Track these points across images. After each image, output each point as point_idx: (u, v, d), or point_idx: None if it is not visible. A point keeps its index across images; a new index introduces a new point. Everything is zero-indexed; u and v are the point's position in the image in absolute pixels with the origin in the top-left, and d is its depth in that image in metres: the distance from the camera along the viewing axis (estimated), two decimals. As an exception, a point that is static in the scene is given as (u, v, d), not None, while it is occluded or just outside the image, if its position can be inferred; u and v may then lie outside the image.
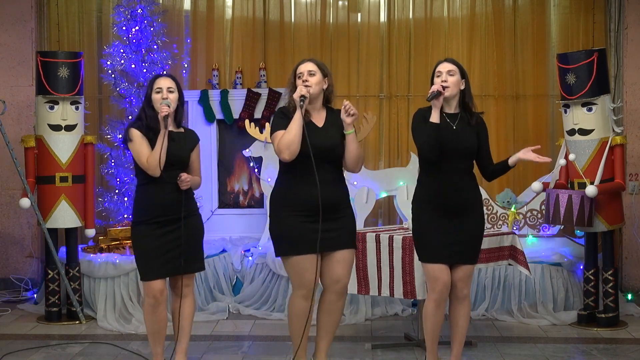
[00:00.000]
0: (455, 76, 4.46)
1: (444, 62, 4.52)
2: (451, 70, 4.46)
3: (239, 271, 6.72)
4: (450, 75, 4.45)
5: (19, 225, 7.29)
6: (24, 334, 5.86)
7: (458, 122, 4.47)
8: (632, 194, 6.95)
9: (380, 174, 7.01)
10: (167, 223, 4.50)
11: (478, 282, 6.29)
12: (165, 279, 4.55)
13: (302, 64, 4.49)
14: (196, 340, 5.36)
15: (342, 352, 5.32)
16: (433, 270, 4.47)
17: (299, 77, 4.43)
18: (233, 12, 7.61)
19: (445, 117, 4.46)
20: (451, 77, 4.45)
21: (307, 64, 4.47)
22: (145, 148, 4.47)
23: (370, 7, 7.57)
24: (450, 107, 4.50)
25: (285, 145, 4.28)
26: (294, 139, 4.27)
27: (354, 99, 7.47)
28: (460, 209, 4.46)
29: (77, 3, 7.50)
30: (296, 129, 4.28)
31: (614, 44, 7.18)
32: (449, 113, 4.49)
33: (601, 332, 5.83)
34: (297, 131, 4.28)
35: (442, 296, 4.48)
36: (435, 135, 4.36)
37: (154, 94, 4.54)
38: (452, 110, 4.50)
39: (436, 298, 4.48)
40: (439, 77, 4.46)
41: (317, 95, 4.44)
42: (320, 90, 4.45)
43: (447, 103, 4.49)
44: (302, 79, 4.41)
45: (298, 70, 4.47)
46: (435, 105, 4.39)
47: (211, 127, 7.29)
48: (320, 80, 4.44)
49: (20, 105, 7.18)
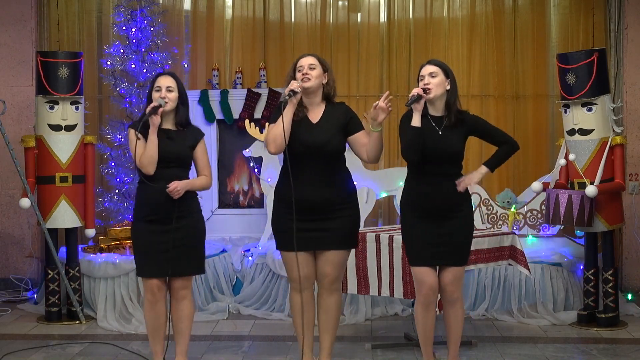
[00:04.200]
0: (437, 77, 4.40)
1: (427, 65, 4.47)
2: (433, 72, 4.41)
3: (239, 271, 6.72)
4: (432, 77, 4.40)
5: (19, 225, 7.29)
6: (24, 334, 5.86)
7: (444, 125, 4.43)
8: (632, 194, 6.94)
9: (380, 174, 7.01)
10: (162, 222, 4.48)
11: (478, 282, 6.29)
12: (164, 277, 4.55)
13: (303, 57, 4.50)
14: (196, 340, 5.36)
15: (342, 352, 5.32)
16: (419, 272, 4.46)
17: (299, 70, 4.44)
18: (233, 12, 7.61)
19: (430, 121, 4.43)
20: (433, 78, 4.39)
21: (308, 57, 4.49)
22: (139, 147, 4.48)
23: (370, 7, 7.57)
24: (436, 109, 4.46)
25: (271, 138, 4.35)
26: (280, 133, 4.30)
27: (354, 99, 7.47)
28: (445, 211, 4.42)
29: (77, 3, 7.50)
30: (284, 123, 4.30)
31: (614, 44, 7.17)
32: (434, 116, 4.45)
33: (601, 332, 5.83)
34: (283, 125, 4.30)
35: (428, 299, 4.46)
36: (417, 139, 4.33)
37: (154, 93, 4.55)
38: (438, 112, 4.45)
39: (422, 301, 4.47)
40: (421, 80, 4.43)
41: (316, 89, 4.45)
42: (319, 85, 4.46)
43: (433, 105, 4.45)
44: (302, 72, 4.42)
45: (299, 63, 4.48)
46: (416, 108, 4.34)
47: (211, 127, 7.29)
48: (320, 74, 4.45)
49: (20, 105, 7.18)
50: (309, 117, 4.45)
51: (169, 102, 4.52)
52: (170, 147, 4.51)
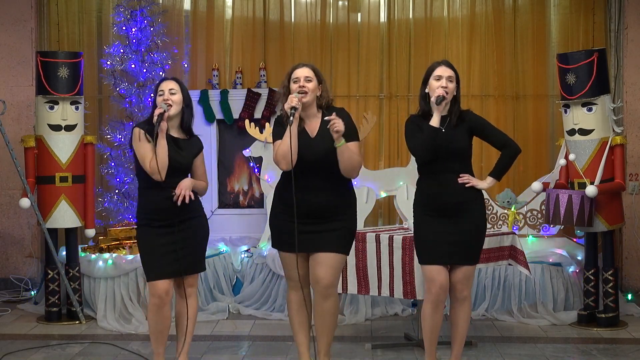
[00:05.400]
0: (453, 83, 4.47)
1: (443, 66, 4.50)
2: (451, 77, 4.47)
3: (239, 271, 6.72)
4: (450, 81, 4.45)
5: (19, 225, 7.29)
6: (24, 334, 5.86)
7: (447, 124, 4.47)
8: (632, 194, 6.94)
9: (380, 174, 7.01)
10: (167, 226, 4.50)
11: (478, 282, 6.29)
12: (171, 279, 4.54)
13: (299, 68, 4.47)
14: (196, 340, 5.36)
15: (342, 352, 5.32)
16: (430, 271, 4.47)
17: (295, 82, 4.42)
18: (233, 12, 7.61)
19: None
20: (450, 83, 4.45)
21: (304, 68, 4.46)
22: (148, 150, 4.46)
23: (370, 7, 7.57)
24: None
25: (281, 156, 4.37)
26: (288, 151, 4.32)
27: (354, 99, 7.48)
28: (457, 209, 4.45)
29: (77, 3, 7.50)
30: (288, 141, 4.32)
31: (614, 44, 7.18)
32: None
33: (601, 332, 5.83)
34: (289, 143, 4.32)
35: (438, 298, 4.48)
36: (433, 139, 4.37)
37: (158, 97, 4.55)
38: (443, 112, 4.48)
39: (432, 300, 4.48)
40: (439, 80, 4.45)
41: (311, 102, 4.44)
42: (314, 98, 4.45)
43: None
44: (298, 84, 4.40)
45: (294, 74, 4.45)
46: (438, 109, 4.40)
47: (211, 127, 7.29)
48: (316, 87, 4.45)
49: (20, 105, 7.18)
50: (307, 129, 4.46)
51: (172, 105, 4.51)
52: (180, 157, 4.52)
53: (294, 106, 4.31)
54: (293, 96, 4.35)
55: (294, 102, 4.32)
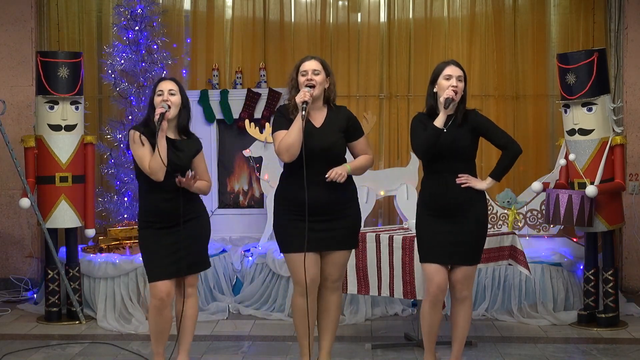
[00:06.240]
0: (463, 82, 4.46)
1: (452, 66, 4.48)
2: (460, 77, 4.46)
3: (239, 271, 6.72)
4: (460, 81, 4.44)
5: (19, 225, 7.29)
6: (24, 334, 5.86)
7: (452, 122, 4.47)
8: (632, 194, 6.95)
9: (380, 174, 7.01)
10: (170, 227, 4.49)
11: (478, 282, 6.28)
12: (173, 280, 4.53)
13: (307, 61, 4.46)
14: (196, 340, 5.35)
15: (342, 352, 5.32)
16: (429, 270, 4.48)
17: (303, 75, 4.42)
18: (233, 12, 7.61)
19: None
20: (460, 83, 4.44)
21: (312, 61, 4.45)
22: (146, 151, 4.44)
23: (370, 7, 7.57)
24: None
25: (285, 148, 4.33)
26: (294, 143, 4.30)
27: (354, 99, 7.48)
28: (460, 209, 4.46)
29: (77, 3, 7.50)
30: (296, 133, 4.30)
31: (614, 44, 7.18)
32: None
33: (601, 332, 5.83)
34: (296, 135, 4.30)
35: (436, 297, 4.48)
36: (435, 139, 4.37)
37: (156, 97, 4.54)
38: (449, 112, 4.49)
39: (430, 299, 4.49)
40: (449, 80, 4.44)
41: (319, 95, 4.44)
42: (322, 90, 4.45)
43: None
44: (306, 77, 4.40)
45: (302, 67, 4.45)
46: (445, 111, 4.39)
47: (211, 127, 7.29)
48: (324, 79, 4.45)
49: (20, 105, 7.18)
50: (312, 121, 4.45)
51: (172, 105, 4.51)
52: (178, 158, 4.50)
53: (306, 100, 4.31)
54: (306, 90, 4.34)
55: (307, 97, 4.31)
